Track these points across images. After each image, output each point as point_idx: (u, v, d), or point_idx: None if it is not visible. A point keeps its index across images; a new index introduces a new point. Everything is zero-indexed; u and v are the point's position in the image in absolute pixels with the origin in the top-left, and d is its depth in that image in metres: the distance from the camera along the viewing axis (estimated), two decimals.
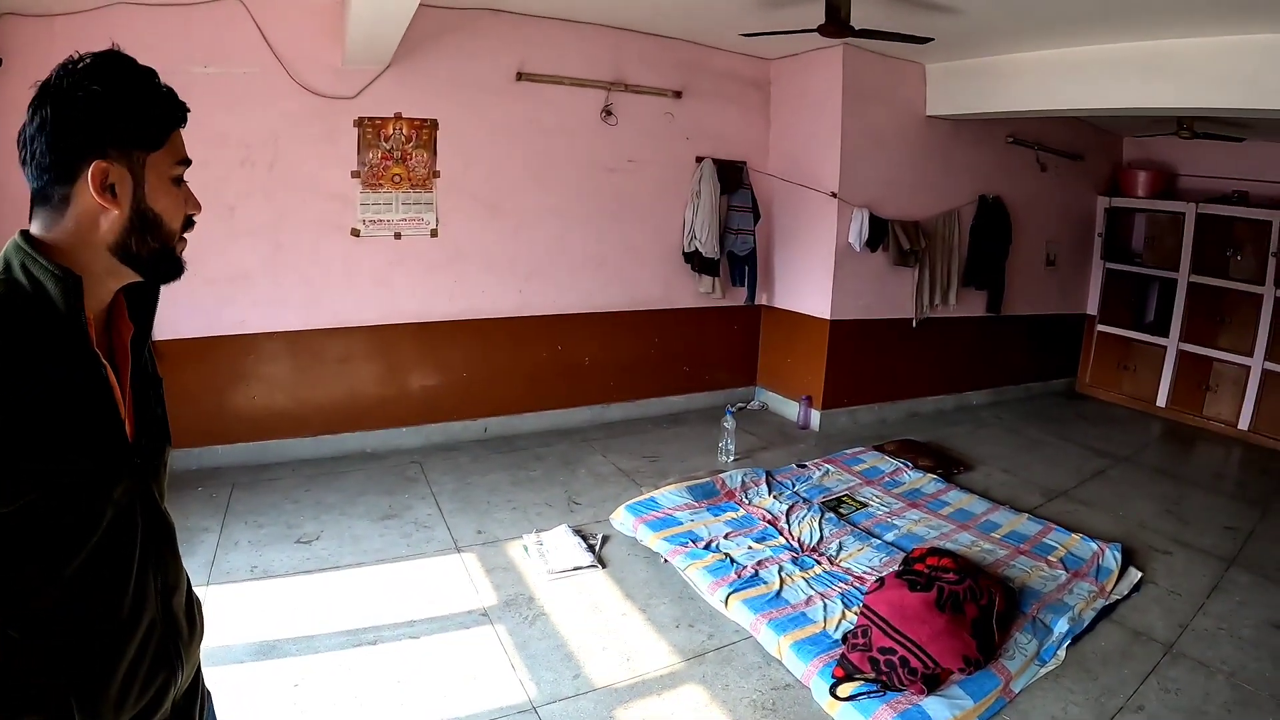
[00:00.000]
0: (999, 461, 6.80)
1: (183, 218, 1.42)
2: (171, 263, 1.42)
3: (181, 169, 1.40)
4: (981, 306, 8.33)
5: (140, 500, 1.42)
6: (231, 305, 6.02)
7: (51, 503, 1.22)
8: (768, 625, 3.95)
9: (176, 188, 1.40)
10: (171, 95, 1.39)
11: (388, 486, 5.92)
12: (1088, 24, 5.53)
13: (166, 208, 1.37)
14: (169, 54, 5.52)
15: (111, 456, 1.34)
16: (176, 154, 1.39)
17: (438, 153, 6.49)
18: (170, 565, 1.52)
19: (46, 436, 1.21)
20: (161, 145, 1.36)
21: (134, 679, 1.40)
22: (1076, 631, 4.00)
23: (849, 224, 7.19)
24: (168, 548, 1.52)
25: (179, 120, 1.40)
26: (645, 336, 7.73)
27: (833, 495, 5.69)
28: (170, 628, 1.51)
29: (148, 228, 1.35)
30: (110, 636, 1.36)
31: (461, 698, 3.58)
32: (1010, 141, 8.16)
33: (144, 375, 1.51)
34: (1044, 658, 3.79)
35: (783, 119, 7.84)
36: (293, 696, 3.53)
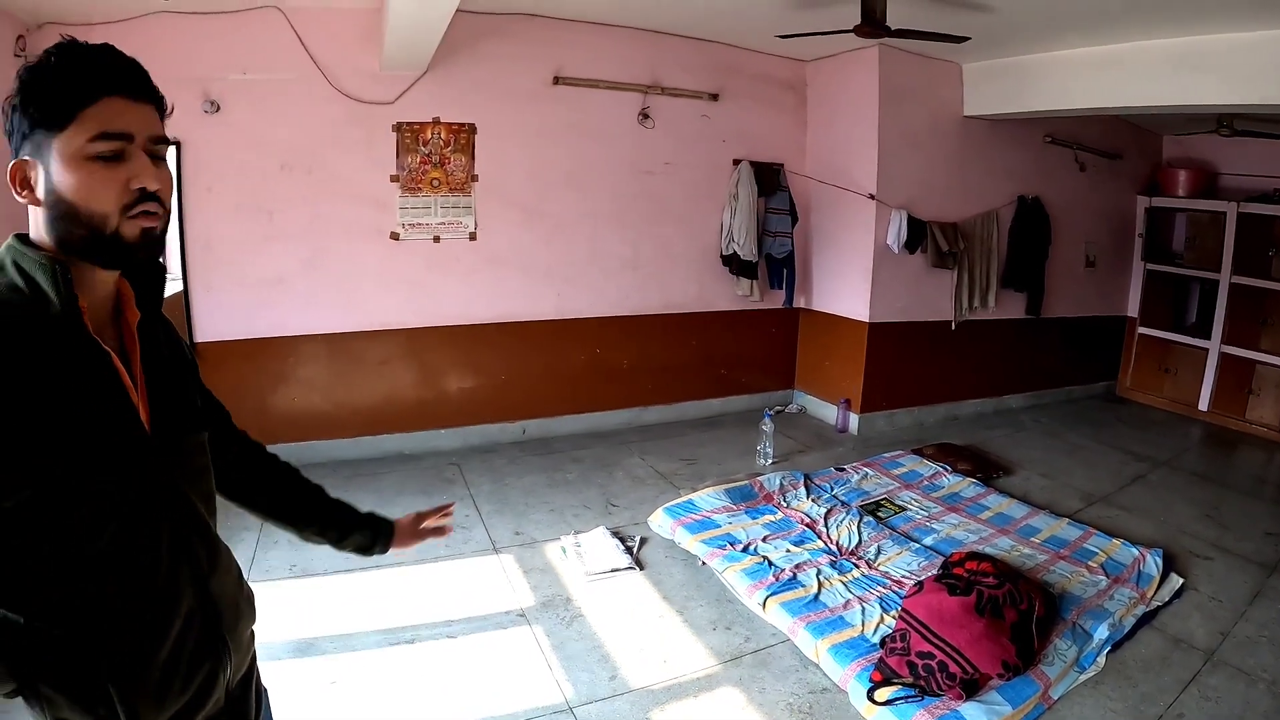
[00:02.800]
0: (1039, 465, 6.72)
1: (114, 200, 1.28)
2: (108, 247, 1.31)
3: (105, 145, 1.26)
4: (1021, 309, 8.24)
5: (164, 487, 1.43)
6: (271, 308, 6.10)
7: (54, 494, 1.24)
8: (805, 628, 3.93)
9: (101, 165, 1.27)
10: (84, 66, 1.27)
11: (425, 487, 5.97)
12: (1125, 20, 5.47)
13: (77, 188, 1.26)
14: (208, 61, 5.64)
15: (121, 444, 1.35)
16: (91, 129, 1.26)
17: (476, 156, 6.54)
18: (202, 552, 1.51)
19: (43, 429, 1.22)
20: (67, 124, 1.25)
21: (175, 668, 1.42)
22: (1117, 638, 3.94)
23: (887, 226, 7.16)
24: (198, 534, 1.51)
25: (98, 89, 1.27)
26: (683, 339, 7.73)
27: (871, 499, 5.66)
28: (211, 616, 1.51)
29: (64, 215, 1.28)
30: (143, 625, 1.38)
31: (498, 697, 3.60)
32: (1048, 141, 8.08)
33: (160, 361, 1.51)
34: (1083, 664, 3.75)
35: (819, 120, 7.81)
36: (330, 694, 3.58)
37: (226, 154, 5.82)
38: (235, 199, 5.91)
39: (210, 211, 5.78)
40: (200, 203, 5.73)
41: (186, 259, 5.82)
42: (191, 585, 1.46)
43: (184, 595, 1.44)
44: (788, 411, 8.16)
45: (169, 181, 1.36)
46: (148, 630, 1.38)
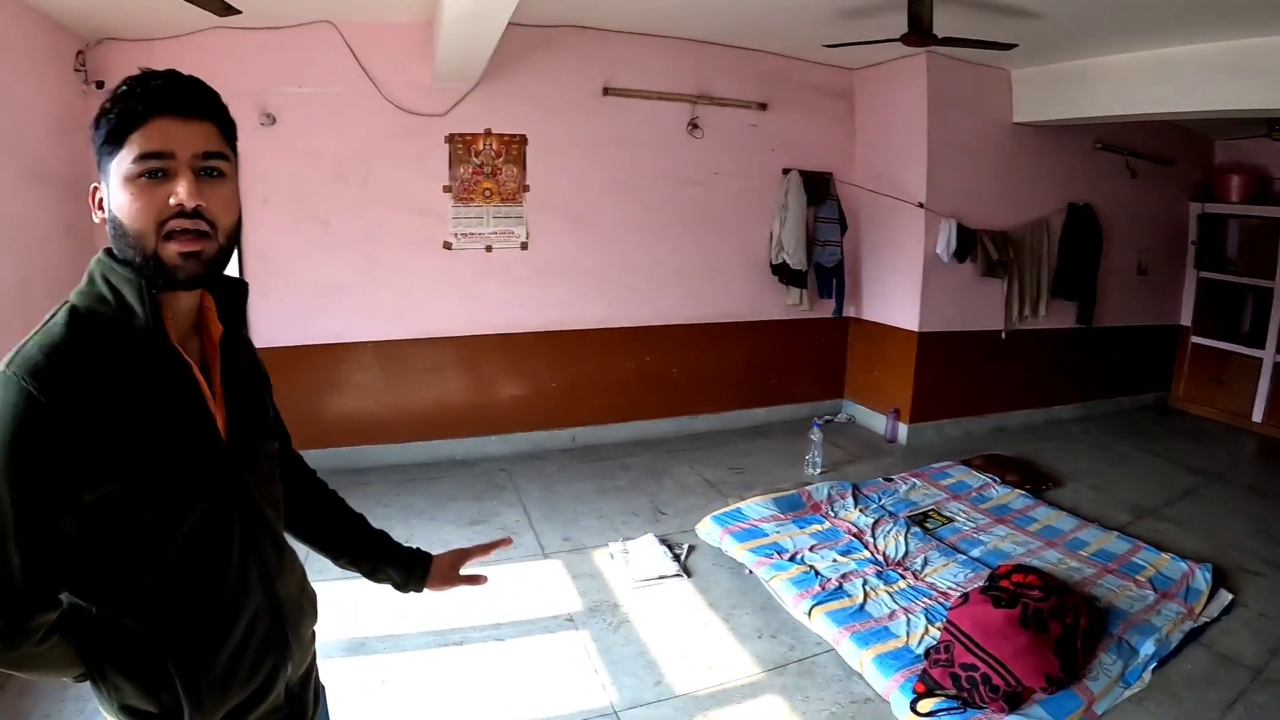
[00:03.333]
0: (1088, 477, 6.64)
1: (152, 217, 1.31)
2: (155, 268, 1.33)
3: (142, 165, 1.29)
4: (1071, 318, 8.16)
5: (237, 491, 1.49)
6: (326, 315, 6.22)
7: (135, 492, 1.31)
8: (850, 638, 3.94)
9: (142, 184, 1.30)
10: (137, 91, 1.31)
11: (476, 493, 6.05)
12: (1176, 24, 5.41)
13: (123, 208, 1.31)
14: (264, 75, 5.78)
15: (199, 451, 1.41)
16: (136, 150, 1.29)
17: (527, 167, 6.62)
18: (271, 554, 1.57)
19: (127, 431, 1.29)
20: (121, 146, 1.30)
21: (239, 662, 1.48)
22: (1163, 654, 3.90)
23: (936, 234, 7.12)
24: (267, 537, 1.57)
25: (145, 112, 1.30)
26: (732, 348, 7.74)
27: (919, 509, 5.65)
28: (277, 615, 1.57)
29: (117, 232, 1.33)
30: (212, 621, 1.44)
31: (544, 700, 3.66)
32: (1098, 147, 7.99)
33: (239, 373, 1.57)
34: (1128, 680, 3.72)
35: (868, 129, 7.80)
36: (379, 692, 3.67)
37: (282, 166, 5.95)
38: (291, 210, 6.04)
39: (266, 222, 5.90)
40: (257, 213, 5.84)
41: (243, 268, 5.95)
42: (260, 585, 1.53)
43: (252, 593, 1.51)
44: (837, 421, 8.14)
45: (222, 198, 1.38)
46: (215, 625, 1.45)
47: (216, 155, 1.36)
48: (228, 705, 1.47)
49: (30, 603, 1.27)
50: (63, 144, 5.25)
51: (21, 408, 1.20)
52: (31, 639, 1.29)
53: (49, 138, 5.05)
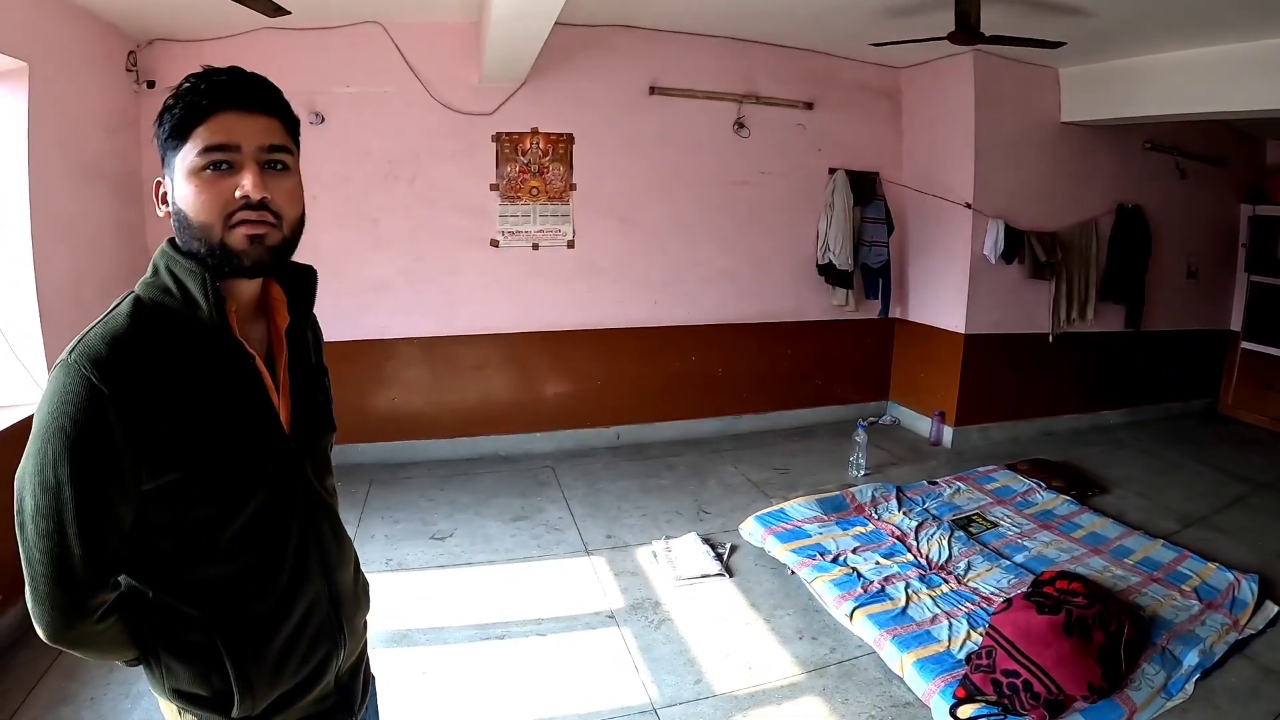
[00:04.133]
0: (1134, 484, 6.54)
1: (218, 209, 1.34)
2: (221, 256, 1.36)
3: (205, 158, 1.33)
4: (1119, 321, 8.05)
5: (298, 483, 1.52)
6: (374, 312, 6.31)
7: (196, 481, 1.34)
8: (891, 641, 3.93)
9: (206, 176, 1.34)
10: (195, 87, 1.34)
11: (520, 489, 6.11)
12: (1225, 22, 5.33)
13: (189, 200, 1.34)
14: (313, 75, 5.87)
15: (261, 440, 1.44)
16: (200, 143, 1.32)
17: (574, 166, 6.67)
18: (331, 543, 1.61)
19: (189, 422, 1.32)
20: (185, 141, 1.33)
21: (293, 649, 1.51)
22: (1206, 665, 3.84)
23: (984, 235, 7.08)
24: (328, 526, 1.61)
25: (210, 107, 1.33)
26: (777, 349, 7.74)
27: (963, 513, 5.61)
28: (334, 604, 1.60)
29: (181, 225, 1.36)
30: (268, 608, 1.48)
31: (584, 695, 3.69)
32: (1147, 147, 7.87)
33: (305, 363, 1.61)
34: (1171, 691, 3.67)
35: (914, 128, 7.76)
36: (421, 684, 3.72)
37: (331, 165, 6.05)
38: (340, 208, 6.14)
39: (316, 220, 5.88)
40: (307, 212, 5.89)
41: None
42: (320, 574, 1.57)
43: (311, 582, 1.55)
44: (881, 423, 8.11)
45: (286, 191, 1.41)
46: (271, 612, 1.48)
47: (280, 149, 1.40)
48: (278, 692, 1.50)
49: (89, 584, 1.31)
50: (114, 143, 5.38)
51: (83, 396, 1.22)
52: (89, 619, 1.34)
53: (101, 137, 5.17)
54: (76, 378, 1.23)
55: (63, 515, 1.25)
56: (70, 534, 1.25)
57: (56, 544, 1.26)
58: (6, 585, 3.92)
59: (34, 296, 4.42)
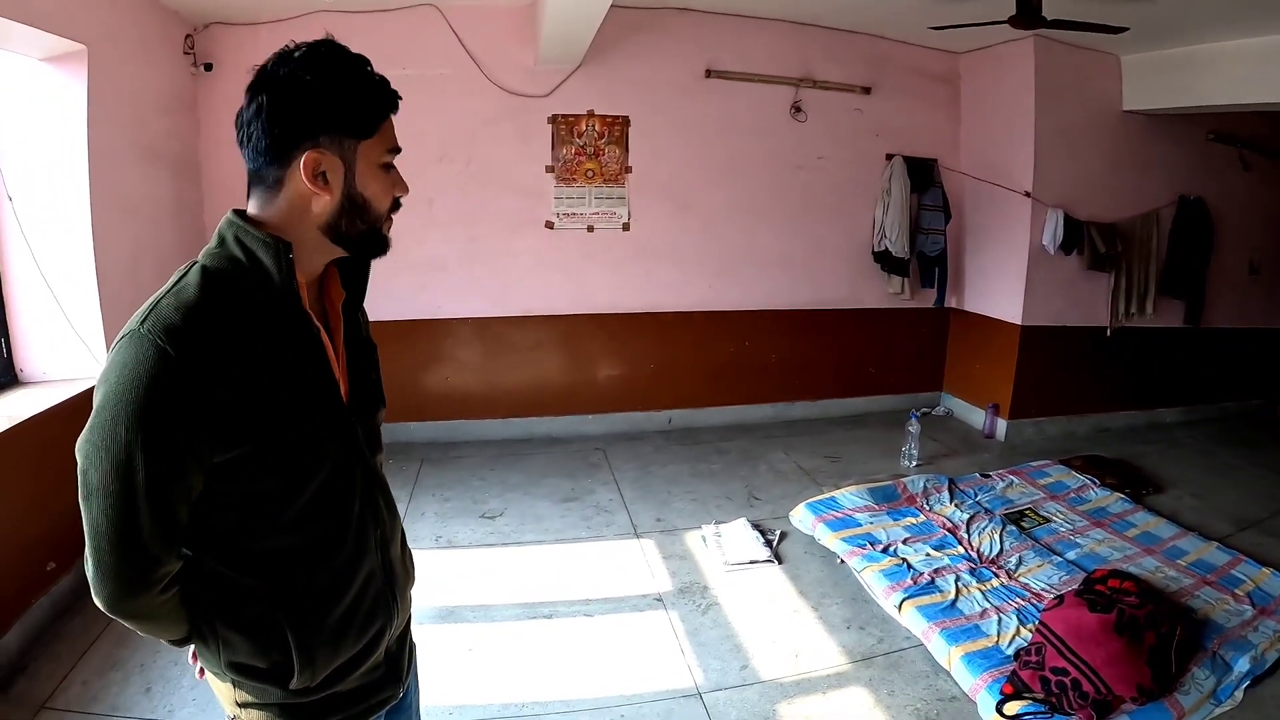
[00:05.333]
0: (1190, 485, 6.38)
1: (390, 201, 1.49)
2: (378, 241, 1.50)
3: (391, 156, 1.46)
4: (1178, 317, 7.86)
5: (357, 455, 1.55)
6: (428, 292, 6.38)
7: (264, 455, 1.36)
8: (940, 634, 3.90)
9: (386, 173, 1.46)
10: (383, 84, 1.44)
11: (571, 471, 6.16)
12: None
13: (376, 193, 1.44)
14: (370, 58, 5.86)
15: (326, 412, 1.47)
16: (387, 142, 1.45)
17: (629, 149, 6.69)
18: (386, 516, 1.65)
19: (259, 391, 1.33)
20: (373, 133, 1.42)
21: (351, 621, 1.54)
22: (1257, 672, 3.75)
23: (1042, 225, 6.96)
24: (383, 500, 1.65)
25: (390, 108, 1.45)
26: (831, 336, 7.71)
27: (1015, 508, 5.55)
28: (388, 576, 1.64)
29: (357, 211, 1.43)
30: (329, 581, 1.51)
31: (630, 676, 3.72)
32: (1210, 138, 7.64)
33: (358, 340, 1.64)
34: (1220, 697, 3.59)
35: (973, 114, 7.65)
36: (467, 660, 3.78)
37: None
38: None
39: None
40: None
41: None
42: (377, 546, 1.61)
43: (369, 555, 1.58)
44: (934, 414, 8.05)
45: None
46: (332, 585, 1.51)
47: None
48: (336, 663, 1.53)
49: (155, 556, 1.33)
50: (172, 124, 5.50)
51: (157, 366, 1.24)
52: (152, 590, 1.36)
53: (159, 118, 5.28)
54: (151, 347, 1.24)
55: (133, 486, 1.26)
56: (140, 505, 1.27)
57: (124, 515, 1.27)
58: (62, 553, 4.04)
59: (93, 274, 4.52)
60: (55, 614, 3.98)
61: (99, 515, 1.28)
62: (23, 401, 4.14)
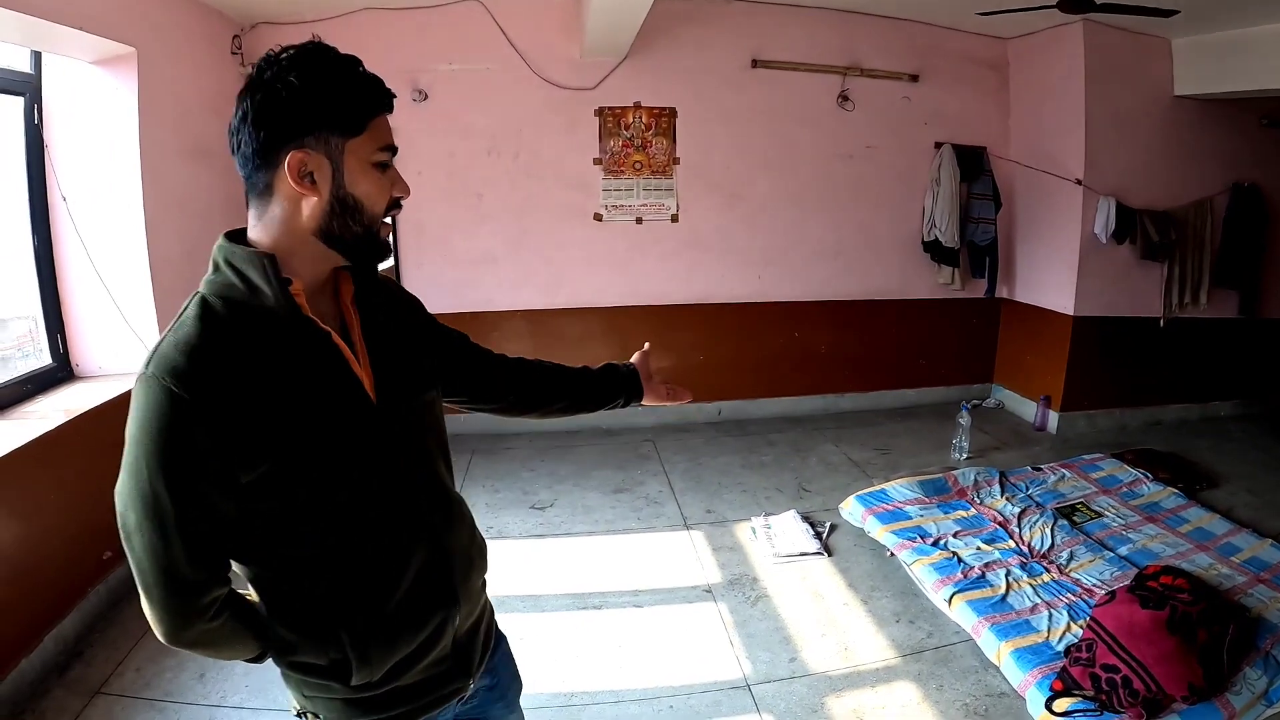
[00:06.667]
0: (1244, 480, 6.25)
1: (386, 202, 1.45)
2: (374, 245, 1.47)
3: (385, 155, 1.43)
4: (1233, 308, 7.68)
5: (392, 450, 1.53)
6: (478, 285, 6.44)
7: (290, 466, 1.37)
8: (990, 629, 3.89)
9: (380, 172, 1.43)
10: (372, 83, 1.41)
11: (620, 462, 6.21)
12: None
13: (368, 192, 1.41)
14: (416, 54, 6.03)
15: (347, 414, 1.45)
16: (378, 140, 1.41)
17: (677, 140, 6.71)
18: (435, 506, 1.63)
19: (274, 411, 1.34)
20: (361, 131, 1.38)
21: (405, 617, 1.54)
22: None
23: (1094, 213, 6.87)
24: (429, 489, 1.63)
25: (380, 107, 1.42)
26: (881, 327, 7.69)
27: (1067, 502, 5.50)
28: (444, 567, 1.62)
29: (348, 212, 1.40)
30: (376, 576, 1.51)
31: (678, 667, 3.76)
32: (1265, 124, 7.42)
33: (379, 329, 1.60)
34: (1272, 698, 3.50)
35: (1022, 101, 7.55)
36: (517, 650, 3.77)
37: (435, 140, 6.20)
38: (444, 183, 6.31)
39: (420, 194, 5.97)
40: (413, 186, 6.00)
41: (398, 239, 6.24)
42: (425, 539, 1.59)
43: (417, 549, 1.56)
44: (985, 406, 7.97)
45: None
46: (379, 581, 1.51)
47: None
48: (395, 658, 1.54)
49: (198, 585, 1.36)
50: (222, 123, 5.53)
51: (167, 407, 1.27)
52: (203, 618, 1.39)
53: (208, 118, 5.36)
54: (158, 389, 1.28)
55: (164, 523, 1.29)
56: (174, 540, 1.30)
57: (161, 552, 1.31)
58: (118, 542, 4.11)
59: (147, 269, 4.66)
60: (111, 601, 4.11)
61: (141, 554, 1.33)
62: (79, 396, 4.27)
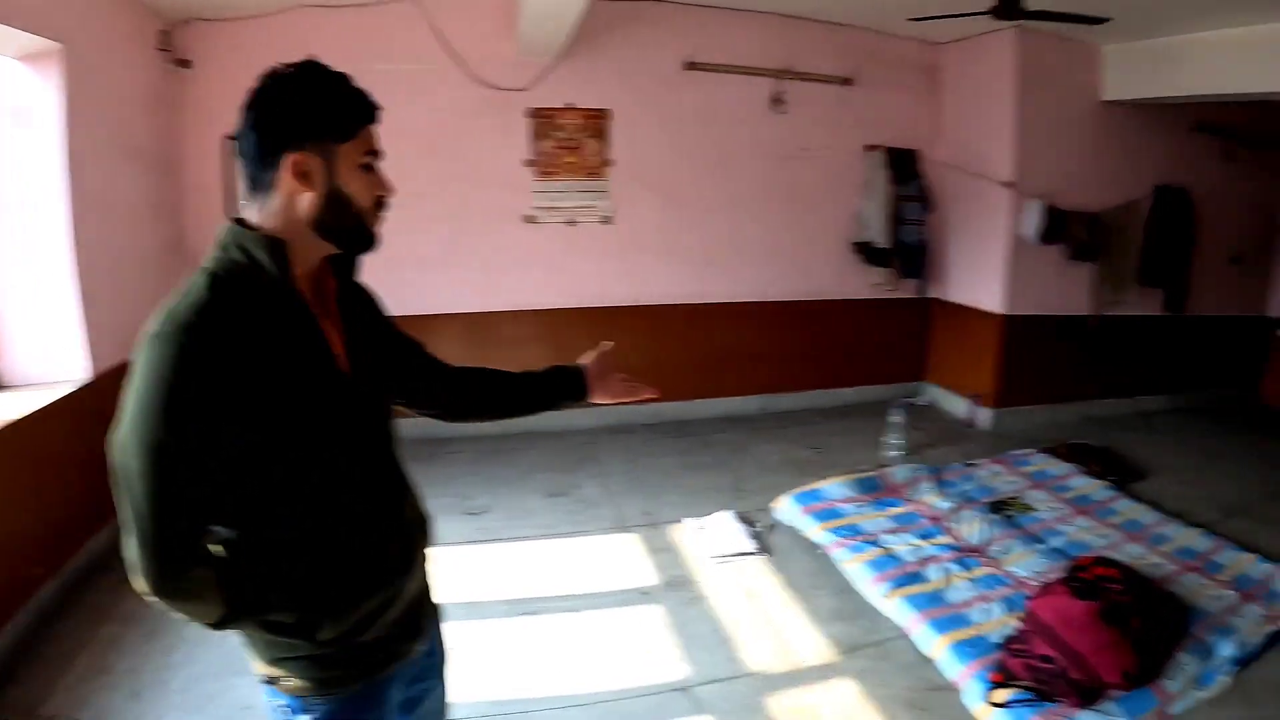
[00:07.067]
0: (1173, 472, 6.43)
1: (373, 198, 1.62)
2: (364, 236, 1.64)
3: (370, 158, 1.60)
4: (1159, 306, 7.91)
5: (365, 424, 1.72)
6: (414, 287, 6.33)
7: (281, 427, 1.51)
8: (927, 624, 3.92)
9: (366, 173, 1.60)
10: (361, 95, 1.58)
11: (559, 465, 6.16)
12: None
13: (356, 190, 1.58)
14: (349, 53, 5.72)
15: (331, 387, 1.61)
16: (365, 145, 1.59)
17: (610, 142, 6.68)
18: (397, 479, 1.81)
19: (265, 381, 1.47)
20: (351, 137, 1.56)
21: (368, 576, 1.68)
22: (1242, 657, 3.78)
23: (1023, 215, 7.00)
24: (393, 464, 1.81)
25: (368, 117, 1.59)
26: (815, 327, 7.73)
27: (1000, 496, 5.57)
28: (404, 535, 1.80)
29: (340, 206, 1.57)
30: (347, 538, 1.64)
31: (618, 671, 3.72)
32: (1193, 129, 7.69)
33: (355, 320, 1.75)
34: (1205, 682, 3.61)
35: (954, 105, 7.67)
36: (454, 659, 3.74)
37: None
38: None
39: None
40: None
41: None
42: (390, 508, 1.77)
43: (384, 513, 1.75)
44: (918, 404, 8.02)
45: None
46: (350, 542, 1.65)
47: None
48: (357, 617, 1.65)
49: (188, 535, 1.45)
50: (150, 123, 5.44)
51: (179, 361, 1.38)
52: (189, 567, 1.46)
53: (137, 117, 5.22)
54: (172, 344, 1.39)
55: (167, 472, 1.39)
56: (174, 489, 1.40)
57: (163, 494, 1.39)
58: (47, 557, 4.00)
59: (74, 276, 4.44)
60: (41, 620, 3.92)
61: (140, 499, 1.40)
62: (4, 406, 4.08)
